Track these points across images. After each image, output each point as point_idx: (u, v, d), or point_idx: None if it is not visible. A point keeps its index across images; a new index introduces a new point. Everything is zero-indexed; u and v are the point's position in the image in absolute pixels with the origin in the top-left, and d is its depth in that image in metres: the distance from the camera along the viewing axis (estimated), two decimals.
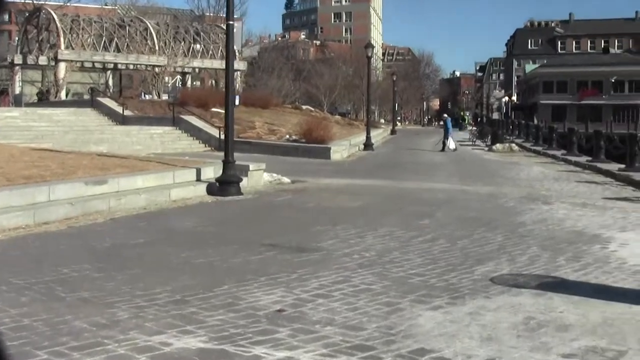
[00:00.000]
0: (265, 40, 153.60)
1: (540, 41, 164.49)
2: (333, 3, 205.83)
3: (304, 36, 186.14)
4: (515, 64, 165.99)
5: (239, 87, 61.55)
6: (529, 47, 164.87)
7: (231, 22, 18.90)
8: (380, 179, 23.91)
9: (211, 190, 18.12)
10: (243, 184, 18.81)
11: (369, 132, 42.52)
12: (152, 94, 59.19)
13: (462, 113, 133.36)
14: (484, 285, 8.95)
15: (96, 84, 66.64)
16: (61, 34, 58.03)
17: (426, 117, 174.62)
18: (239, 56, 65.18)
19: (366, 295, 8.33)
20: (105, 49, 60.57)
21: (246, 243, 11.58)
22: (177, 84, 69.87)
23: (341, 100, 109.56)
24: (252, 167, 20.36)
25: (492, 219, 14.87)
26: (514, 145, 45.57)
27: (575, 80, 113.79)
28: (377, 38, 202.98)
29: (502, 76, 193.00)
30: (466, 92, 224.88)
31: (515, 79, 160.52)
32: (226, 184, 18.04)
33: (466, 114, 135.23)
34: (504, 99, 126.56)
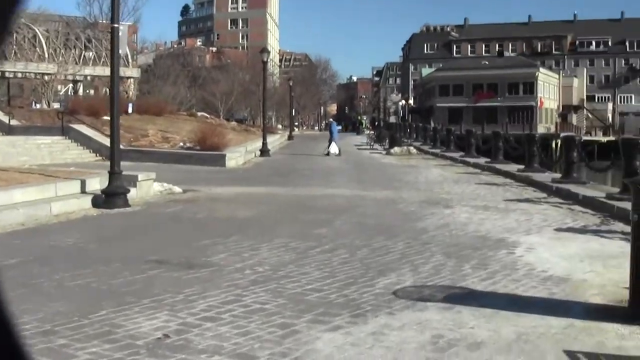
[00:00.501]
0: (161, 48, 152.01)
1: (436, 45, 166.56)
2: (229, 9, 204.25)
3: (200, 43, 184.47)
4: (411, 68, 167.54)
5: (132, 94, 60.25)
6: (425, 51, 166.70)
7: (116, 26, 17.90)
8: (277, 186, 23.11)
9: (97, 202, 17.06)
10: (131, 195, 17.81)
11: (265, 138, 41.68)
12: (42, 102, 57.32)
13: (359, 117, 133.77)
14: (387, 300, 8.29)
15: None
16: None
17: (324, 122, 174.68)
18: (132, 63, 63.91)
19: (259, 317, 7.58)
20: None
21: (130, 260, 10.66)
22: (70, 92, 67.99)
23: (238, 106, 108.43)
24: (141, 177, 19.35)
25: (393, 225, 14.24)
26: (412, 148, 45.34)
27: (470, 83, 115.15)
28: (274, 44, 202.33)
29: (398, 80, 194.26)
30: (363, 96, 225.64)
31: (411, 82, 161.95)
32: (112, 195, 17.03)
33: (364, 119, 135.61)
34: (401, 103, 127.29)
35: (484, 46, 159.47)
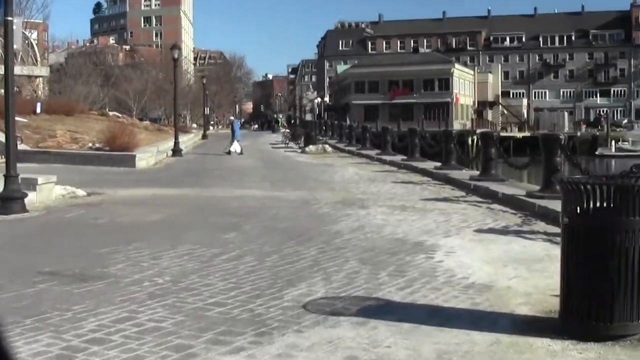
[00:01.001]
0: (73, 46, 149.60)
1: (351, 42, 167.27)
2: (142, 7, 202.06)
3: (113, 41, 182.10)
4: (326, 65, 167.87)
5: (41, 93, 58.59)
6: (340, 48, 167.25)
7: (10, 19, 16.80)
8: (187, 187, 22.21)
9: None
10: (30, 199, 16.73)
11: (177, 138, 40.66)
12: None
13: (275, 115, 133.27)
14: (296, 315, 7.54)
15: None
16: None
17: (239, 120, 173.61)
18: (42, 61, 62.11)
19: (153, 337, 6.77)
20: None
21: (21, 272, 9.69)
22: None
23: (152, 105, 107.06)
24: (40, 180, 18.22)
25: (305, 229, 13.46)
26: (327, 146, 44.81)
27: (386, 79, 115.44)
28: (188, 42, 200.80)
29: (314, 78, 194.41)
30: (279, 94, 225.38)
31: (327, 80, 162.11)
32: (8, 200, 15.93)
33: (280, 117, 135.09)
34: (316, 100, 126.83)
35: (399, 42, 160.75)
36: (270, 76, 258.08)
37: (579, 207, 6.75)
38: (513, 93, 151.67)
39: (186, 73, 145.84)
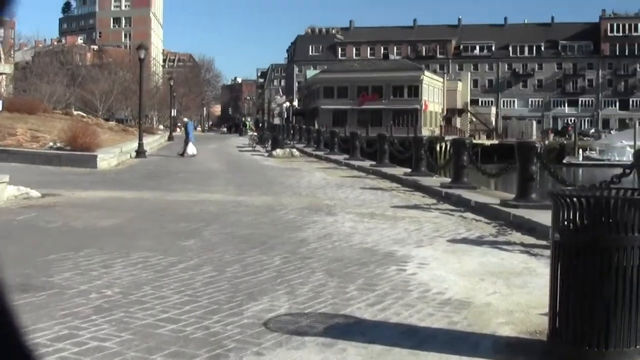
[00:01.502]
0: (40, 45, 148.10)
1: (321, 47, 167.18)
2: (112, 8, 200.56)
3: (82, 41, 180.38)
4: (296, 69, 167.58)
5: (4, 91, 57.48)
6: (310, 53, 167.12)
7: None
8: (148, 190, 21.36)
9: None
10: None
11: (141, 139, 39.70)
12: None
13: (243, 119, 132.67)
14: (256, 334, 6.81)
15: None
16: None
17: (207, 123, 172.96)
18: (5, 58, 60.85)
19: (93, 359, 6.00)
20: None
21: None
22: None
23: (119, 106, 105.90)
24: None
25: (270, 236, 12.70)
26: (294, 150, 44.15)
27: (355, 85, 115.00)
28: (157, 44, 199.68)
29: (283, 82, 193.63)
30: (248, 98, 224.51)
31: (296, 84, 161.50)
32: None
33: (248, 120, 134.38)
34: (285, 105, 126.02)
35: (369, 49, 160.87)
36: (239, 80, 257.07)
37: (571, 222, 6.06)
38: (482, 101, 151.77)
39: (154, 74, 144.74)
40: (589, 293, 5.96)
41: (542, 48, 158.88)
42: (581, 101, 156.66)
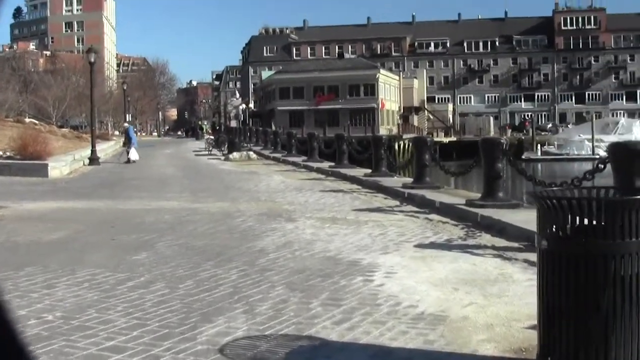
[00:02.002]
0: None
1: (275, 48, 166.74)
2: (64, 12, 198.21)
3: (34, 47, 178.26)
4: (251, 71, 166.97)
5: None
6: (265, 54, 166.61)
7: None
8: (100, 200, 20.47)
9: None
10: None
11: (94, 145, 38.74)
12: None
13: (200, 122, 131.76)
14: None
15: None
16: None
17: (163, 127, 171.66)
18: None
19: None
20: None
21: None
22: None
23: (73, 112, 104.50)
24: None
25: (226, 246, 11.93)
26: (251, 153, 43.38)
27: (311, 85, 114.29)
28: (111, 48, 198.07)
29: (239, 84, 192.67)
30: (204, 101, 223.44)
31: (251, 86, 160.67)
32: None
33: (204, 124, 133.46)
34: (241, 107, 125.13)
35: (323, 48, 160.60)
36: (194, 83, 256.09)
37: (560, 228, 5.39)
38: (438, 98, 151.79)
39: (108, 79, 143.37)
40: (583, 306, 5.30)
41: (497, 43, 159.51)
42: (537, 96, 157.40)
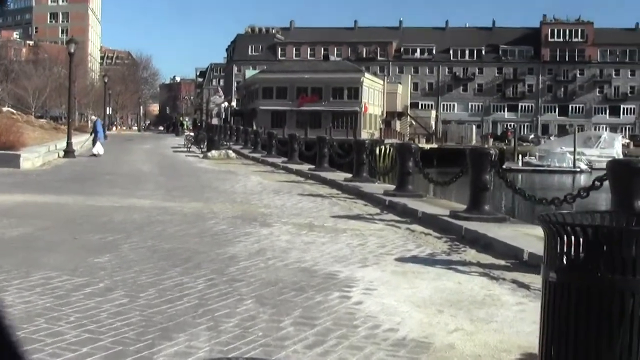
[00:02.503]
0: None
1: (260, 47, 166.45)
2: (49, 3, 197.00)
3: (17, 36, 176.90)
4: (235, 69, 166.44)
5: None
6: (250, 53, 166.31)
7: None
8: (69, 194, 19.67)
9: None
10: None
11: (70, 137, 37.93)
12: None
13: (180, 118, 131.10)
14: None
15: None
16: None
17: (144, 122, 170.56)
18: None
19: None
20: None
21: None
22: None
23: (53, 103, 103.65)
24: None
25: (195, 251, 11.18)
26: (230, 152, 42.73)
27: (295, 86, 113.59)
28: (95, 40, 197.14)
29: (222, 82, 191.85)
30: (186, 97, 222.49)
31: (235, 84, 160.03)
32: None
33: (185, 120, 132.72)
34: (223, 105, 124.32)
35: (309, 50, 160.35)
36: (178, 79, 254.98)
37: (572, 258, 4.70)
38: (422, 104, 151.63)
39: (91, 71, 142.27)
40: (595, 345, 4.61)
41: (483, 52, 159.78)
42: (521, 106, 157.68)
